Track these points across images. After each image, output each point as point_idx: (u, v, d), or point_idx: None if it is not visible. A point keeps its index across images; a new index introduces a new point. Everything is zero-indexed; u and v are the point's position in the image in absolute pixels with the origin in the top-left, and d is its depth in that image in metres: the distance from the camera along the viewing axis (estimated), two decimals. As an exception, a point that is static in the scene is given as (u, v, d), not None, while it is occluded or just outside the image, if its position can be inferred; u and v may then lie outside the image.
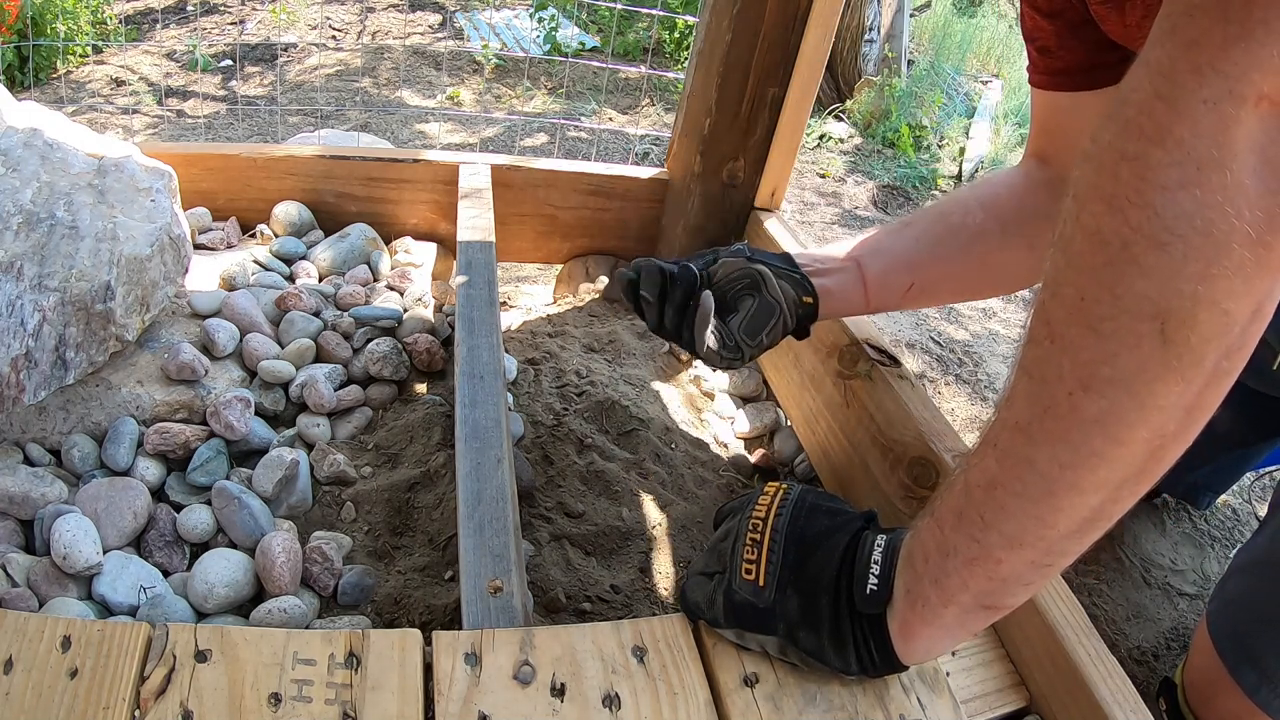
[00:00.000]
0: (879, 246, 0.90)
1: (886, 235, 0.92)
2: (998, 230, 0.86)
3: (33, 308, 0.81)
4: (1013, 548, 0.50)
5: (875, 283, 0.88)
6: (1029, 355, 0.48)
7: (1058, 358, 0.46)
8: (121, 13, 3.65)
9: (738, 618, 0.62)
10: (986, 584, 0.52)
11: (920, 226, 0.91)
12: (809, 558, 0.61)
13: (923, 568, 0.55)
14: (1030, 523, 0.49)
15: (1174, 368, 0.43)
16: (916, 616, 0.56)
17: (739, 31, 1.17)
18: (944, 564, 0.53)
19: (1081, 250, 0.45)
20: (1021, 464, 0.48)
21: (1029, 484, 0.48)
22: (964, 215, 0.88)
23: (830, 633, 0.59)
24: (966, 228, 0.87)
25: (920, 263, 0.88)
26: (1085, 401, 0.45)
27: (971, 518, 0.51)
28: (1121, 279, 0.43)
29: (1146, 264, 0.42)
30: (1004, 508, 0.50)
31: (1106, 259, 0.43)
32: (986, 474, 0.50)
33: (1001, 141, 3.53)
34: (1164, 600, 1.36)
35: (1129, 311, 0.43)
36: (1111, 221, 0.43)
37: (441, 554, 0.88)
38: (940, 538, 0.53)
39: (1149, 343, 0.43)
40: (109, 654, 0.56)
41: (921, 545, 0.55)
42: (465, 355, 0.93)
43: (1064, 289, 0.46)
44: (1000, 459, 0.50)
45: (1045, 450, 0.47)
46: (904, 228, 0.91)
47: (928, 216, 0.92)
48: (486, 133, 3.12)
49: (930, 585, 0.54)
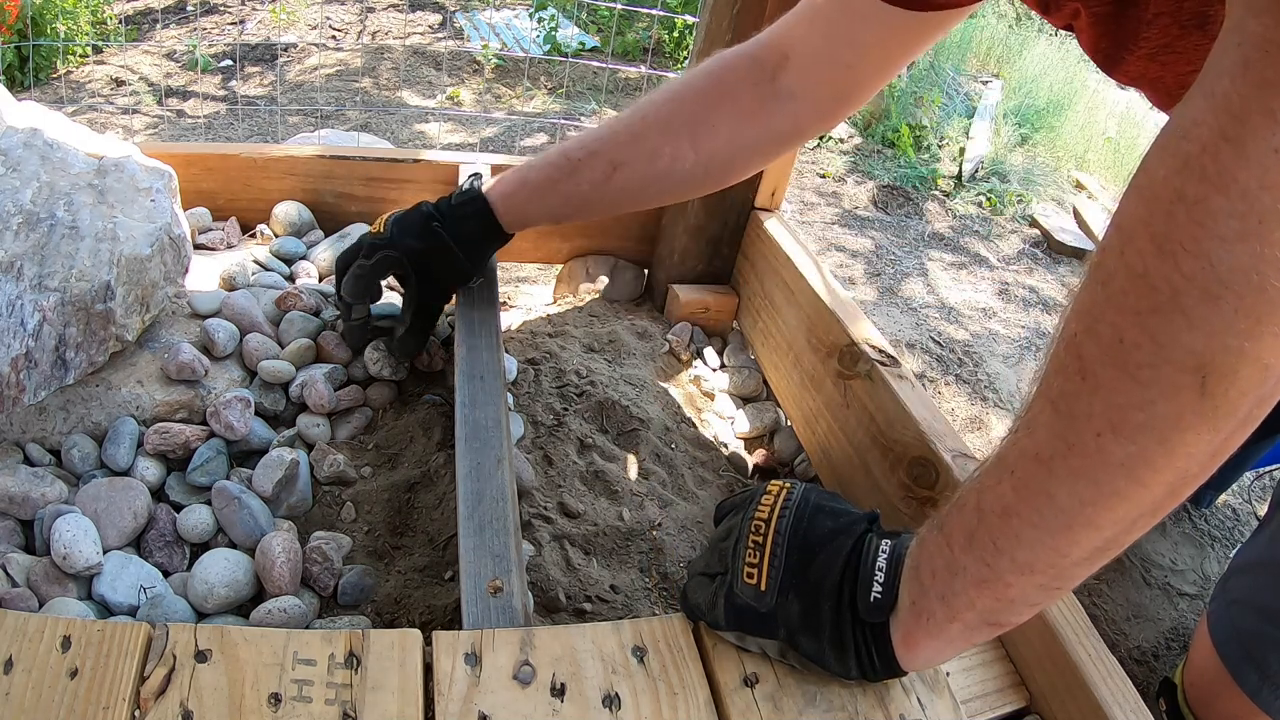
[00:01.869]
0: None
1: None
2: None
3: (33, 308, 0.81)
4: (1024, 573, 0.50)
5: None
6: (1056, 387, 0.47)
7: (1088, 397, 0.45)
8: (121, 13, 3.65)
9: (739, 621, 0.62)
10: (994, 604, 0.52)
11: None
12: (811, 562, 0.60)
13: (929, 583, 0.54)
14: (1045, 552, 0.49)
15: (1208, 418, 0.42)
16: (921, 629, 0.55)
17: (739, 31, 1.17)
18: (951, 582, 0.53)
19: (1124, 290, 0.43)
20: (1040, 496, 0.48)
21: (1046, 516, 0.48)
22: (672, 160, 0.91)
23: (832, 639, 0.59)
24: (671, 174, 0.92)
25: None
26: (1114, 444, 0.44)
27: (984, 542, 0.51)
28: (1167, 328, 0.41)
29: (1195, 316, 0.40)
30: (1019, 536, 0.49)
31: (1153, 305, 0.42)
32: (1002, 501, 0.50)
33: (1001, 141, 3.53)
34: (1164, 600, 1.36)
35: (1171, 362, 0.41)
36: (1161, 266, 0.41)
37: (441, 554, 0.88)
38: (949, 557, 0.53)
39: (1187, 394, 0.42)
40: (109, 654, 0.56)
41: (929, 560, 0.55)
42: (465, 355, 0.93)
43: (1101, 327, 0.44)
44: (1017, 488, 0.49)
45: (1066, 486, 0.47)
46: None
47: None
48: (486, 133, 3.12)
49: (936, 601, 0.54)
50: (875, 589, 0.57)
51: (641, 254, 1.47)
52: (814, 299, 1.16)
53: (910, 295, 2.45)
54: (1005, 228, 3.05)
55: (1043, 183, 3.40)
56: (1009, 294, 2.59)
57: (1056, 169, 3.59)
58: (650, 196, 0.99)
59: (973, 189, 3.21)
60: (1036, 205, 3.21)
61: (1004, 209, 3.15)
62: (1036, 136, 3.77)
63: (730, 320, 1.41)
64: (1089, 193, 3.47)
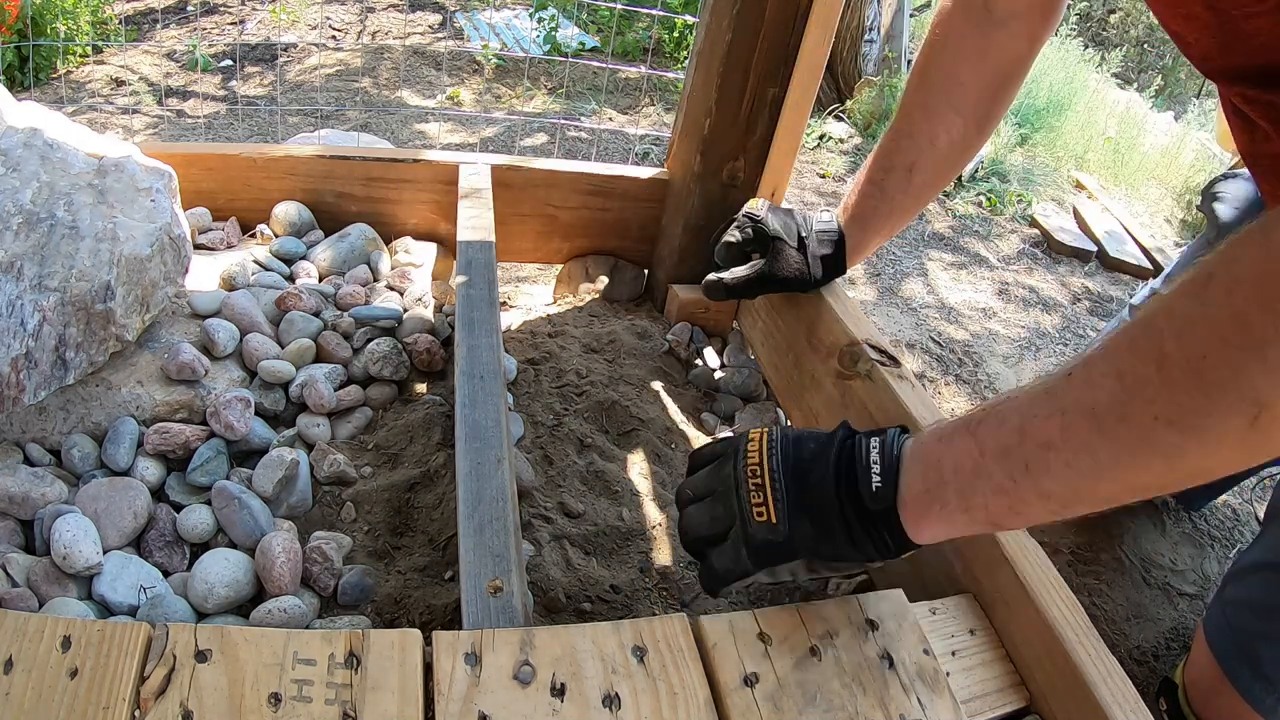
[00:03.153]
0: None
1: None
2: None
3: (33, 308, 0.81)
4: (1042, 499, 0.57)
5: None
6: (1128, 365, 0.53)
7: (1158, 388, 0.51)
8: (121, 13, 3.65)
9: (763, 558, 0.66)
10: (1004, 512, 0.59)
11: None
12: (807, 480, 0.66)
13: (950, 476, 0.61)
14: (1068, 490, 0.55)
15: (1248, 444, 0.49)
16: (934, 513, 0.62)
17: (739, 31, 1.17)
18: (974, 483, 0.59)
19: (1222, 320, 0.48)
20: (1082, 447, 0.54)
21: (1081, 464, 0.54)
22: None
23: (845, 537, 0.65)
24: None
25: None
26: (1165, 433, 0.50)
27: (1017, 461, 0.57)
28: (1246, 364, 0.47)
29: (1271, 363, 0.46)
30: (1049, 469, 0.55)
31: (1242, 343, 0.47)
32: (1046, 435, 0.56)
33: (1001, 141, 3.53)
34: (1164, 600, 1.36)
35: (1239, 391, 0.47)
36: (1261, 318, 0.46)
37: (441, 554, 0.88)
38: (978, 460, 0.59)
39: (1240, 420, 0.48)
40: (109, 654, 0.56)
41: (954, 456, 0.61)
42: (465, 355, 0.93)
43: (1190, 338, 0.50)
44: (1064, 432, 0.55)
45: (1109, 448, 0.53)
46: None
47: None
48: (486, 133, 3.12)
49: (954, 494, 0.61)
50: (875, 480, 0.64)
51: (641, 254, 1.47)
52: (814, 299, 1.16)
53: (910, 295, 2.45)
54: (1005, 228, 3.05)
55: (1043, 183, 3.40)
56: (1009, 294, 2.59)
57: (1056, 169, 3.59)
58: (946, 177, 1.07)
59: (972, 189, 3.21)
60: (1036, 205, 3.21)
61: (1004, 209, 3.15)
62: (1036, 136, 3.77)
63: (730, 320, 1.41)
64: (1089, 193, 3.47)
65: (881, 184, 1.06)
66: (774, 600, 0.95)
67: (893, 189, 1.05)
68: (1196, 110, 5.05)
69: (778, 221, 1.11)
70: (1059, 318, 2.50)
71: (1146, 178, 3.69)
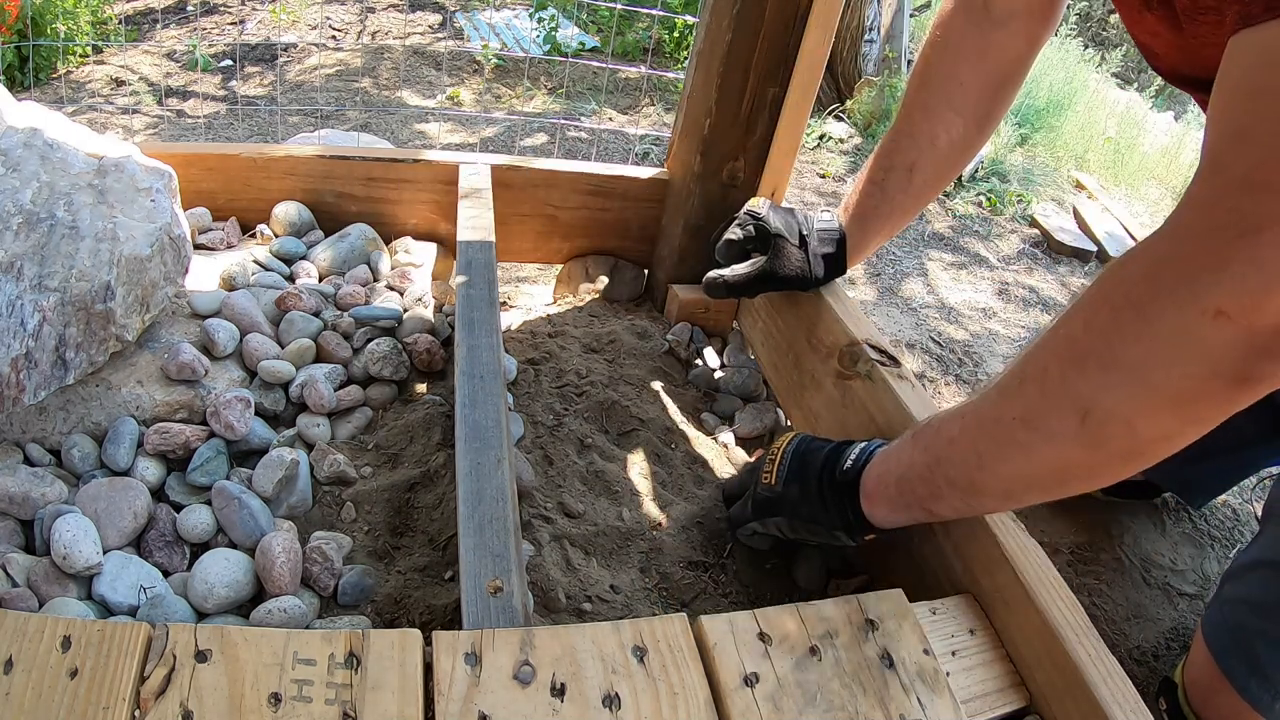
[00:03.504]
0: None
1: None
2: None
3: (33, 308, 0.81)
4: (949, 486, 0.72)
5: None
6: (1005, 380, 0.67)
7: (1016, 394, 0.66)
8: (121, 13, 3.65)
9: (759, 510, 0.88)
10: (928, 498, 0.75)
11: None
12: (806, 460, 0.85)
13: (894, 467, 0.77)
14: (964, 479, 0.71)
15: (1082, 441, 0.61)
16: (880, 495, 0.78)
17: (739, 31, 1.17)
18: (907, 473, 0.76)
19: (1058, 340, 0.63)
20: (970, 442, 0.70)
21: (968, 457, 0.70)
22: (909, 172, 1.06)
23: (819, 501, 0.82)
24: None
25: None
26: (1019, 431, 0.65)
27: (932, 454, 0.73)
28: (1069, 374, 0.61)
29: (1089, 374, 0.60)
30: (951, 461, 0.72)
31: (1068, 355, 0.62)
32: (950, 433, 0.72)
33: (1001, 141, 3.53)
34: (1164, 600, 1.36)
35: (1066, 395, 0.61)
36: (1083, 337, 0.61)
37: (441, 554, 0.88)
38: (911, 455, 0.76)
39: (1072, 419, 0.61)
40: (109, 654, 0.56)
41: (899, 453, 0.78)
42: (465, 355, 0.93)
43: (1038, 354, 0.64)
44: (962, 430, 0.71)
45: (986, 442, 0.68)
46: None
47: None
48: (486, 133, 3.12)
49: (894, 481, 0.77)
50: (847, 463, 0.82)
51: (641, 254, 1.47)
52: (814, 299, 1.16)
53: (910, 295, 2.45)
54: (1005, 228, 3.05)
55: (1043, 183, 3.40)
56: (1009, 294, 2.59)
57: (1056, 169, 3.59)
58: (947, 177, 1.09)
59: (972, 189, 3.21)
60: (1036, 205, 3.21)
61: (1004, 209, 3.15)
62: (1036, 136, 3.77)
63: (730, 320, 1.41)
64: (1089, 193, 3.47)
65: (882, 183, 1.06)
66: (774, 600, 0.95)
67: (893, 188, 1.05)
68: (1196, 110, 5.05)
69: (779, 220, 1.11)
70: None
71: (1146, 178, 3.69)
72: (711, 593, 0.94)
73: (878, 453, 0.81)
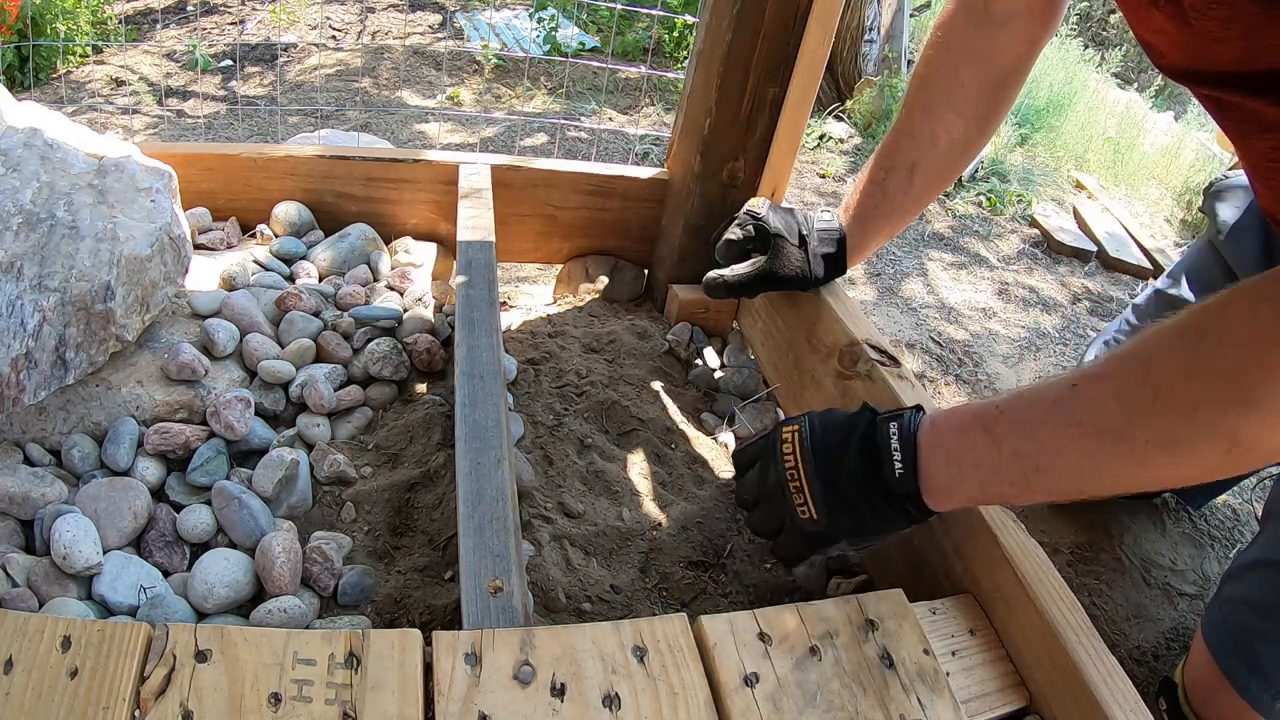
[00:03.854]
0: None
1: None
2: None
3: (33, 308, 0.81)
4: (1046, 492, 0.70)
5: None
6: (1130, 395, 0.63)
7: (1151, 417, 0.62)
8: (121, 13, 3.65)
9: (814, 545, 0.81)
10: (1014, 496, 0.73)
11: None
12: (838, 475, 0.78)
13: (971, 471, 0.72)
14: (1071, 487, 0.68)
15: (1220, 467, 0.60)
16: (956, 495, 0.74)
17: (739, 31, 1.17)
18: (993, 476, 0.71)
19: (1213, 374, 0.59)
20: (1086, 456, 0.65)
21: (1084, 469, 0.66)
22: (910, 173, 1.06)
23: (874, 517, 0.77)
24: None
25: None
26: (1155, 453, 0.62)
27: (1029, 462, 0.69)
28: (1228, 410, 0.58)
29: (1250, 410, 0.57)
30: (1056, 471, 0.67)
31: (1227, 394, 0.58)
32: (1058, 444, 0.67)
33: (1001, 141, 3.53)
34: (1164, 600, 1.36)
35: (1220, 429, 0.59)
36: (1248, 373, 0.57)
37: (441, 554, 0.88)
38: (996, 460, 0.70)
39: (1217, 450, 0.59)
40: (109, 654, 0.56)
41: (974, 454, 0.72)
42: (465, 355, 0.93)
43: (1186, 384, 0.60)
44: (1073, 442, 0.66)
45: (1108, 459, 0.65)
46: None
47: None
48: (486, 133, 3.12)
49: (975, 484, 0.72)
50: (897, 466, 0.75)
51: (641, 254, 1.47)
52: (814, 299, 1.16)
53: (910, 295, 2.45)
54: (1005, 228, 3.05)
55: (1043, 183, 3.40)
56: (1009, 294, 2.59)
57: (1056, 169, 3.59)
58: (947, 177, 1.09)
59: (972, 189, 3.21)
60: (1036, 205, 3.21)
61: (1004, 209, 3.15)
62: (1036, 136, 3.77)
63: (730, 320, 1.41)
64: (1089, 193, 3.47)
65: (883, 184, 1.06)
66: (774, 600, 0.95)
67: (894, 189, 1.06)
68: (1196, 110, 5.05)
69: (779, 219, 1.11)
70: (1059, 318, 2.50)
71: (1146, 178, 3.69)
72: (711, 593, 0.94)
73: (926, 442, 0.75)
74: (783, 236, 1.10)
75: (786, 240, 1.11)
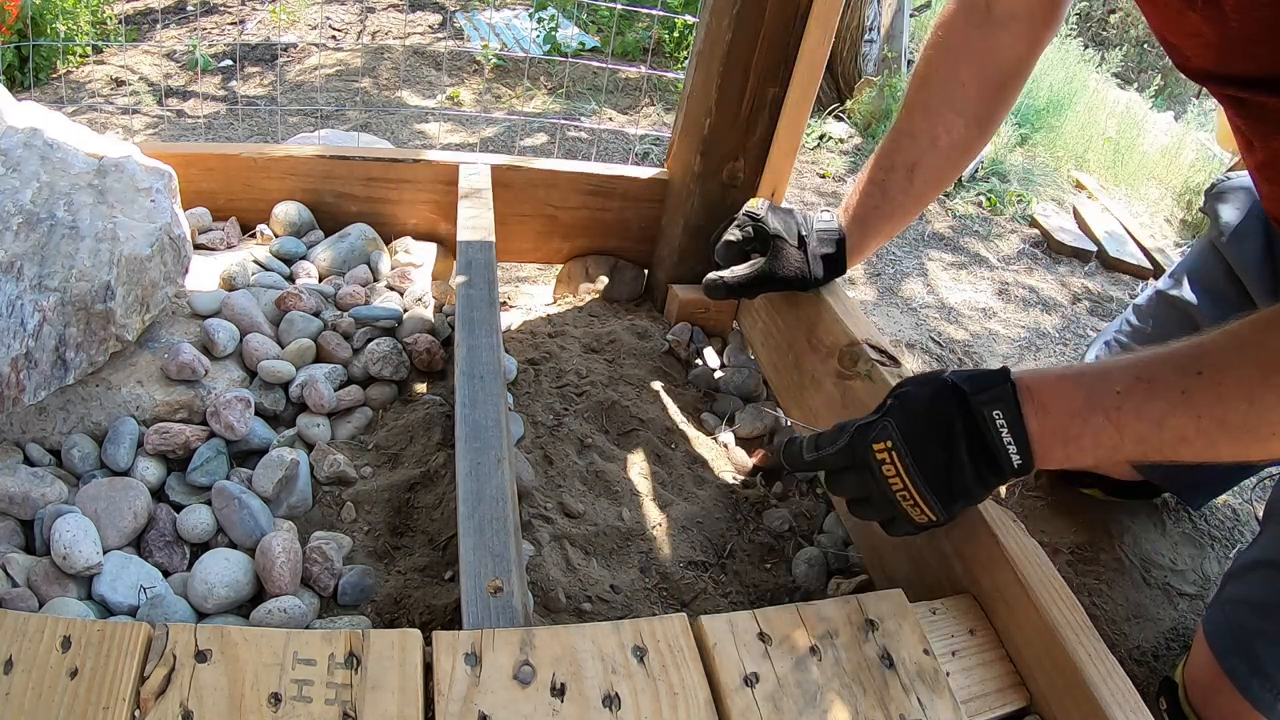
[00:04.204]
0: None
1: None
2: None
3: (33, 308, 0.81)
4: (1162, 466, 0.73)
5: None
6: (1259, 394, 0.65)
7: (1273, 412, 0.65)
8: (121, 13, 3.65)
9: (929, 529, 0.80)
10: (1124, 466, 0.74)
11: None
12: (952, 485, 0.76)
13: (1091, 450, 0.73)
14: (1186, 462, 0.70)
15: None
16: (1069, 463, 0.74)
17: (739, 31, 1.17)
18: (1113, 455, 0.72)
19: None
20: (1210, 443, 0.68)
21: (1205, 453, 0.68)
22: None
23: (988, 495, 0.79)
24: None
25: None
26: (1277, 445, 0.66)
27: (1152, 445, 0.70)
28: None
29: None
30: (1178, 453, 0.69)
31: None
32: (1182, 432, 0.69)
33: (1001, 141, 3.53)
34: (1164, 600, 1.36)
35: None
36: None
37: (441, 554, 0.88)
38: (1118, 443, 0.71)
39: None
40: (109, 654, 0.56)
41: (1096, 437, 0.72)
42: (465, 355, 0.93)
43: None
44: (1199, 432, 0.68)
45: (1231, 446, 0.68)
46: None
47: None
48: (486, 133, 3.12)
49: (1091, 459, 0.73)
50: (1014, 458, 0.74)
51: (641, 254, 1.47)
52: (814, 299, 1.16)
53: (910, 295, 2.45)
54: (1005, 228, 3.05)
55: (1043, 183, 3.40)
56: (1009, 294, 2.59)
57: (1056, 169, 3.59)
58: (947, 177, 1.09)
59: (972, 189, 3.21)
60: (1036, 205, 3.21)
61: (1004, 209, 3.15)
62: (1036, 136, 3.76)
63: (730, 320, 1.41)
64: (1089, 193, 3.46)
65: (883, 184, 1.06)
66: (774, 600, 0.95)
67: (894, 189, 1.05)
68: (1196, 110, 5.05)
69: (778, 220, 1.11)
70: (1059, 318, 2.50)
71: (1146, 178, 3.69)
72: (711, 593, 0.94)
73: (1039, 429, 0.74)
74: (782, 237, 1.10)
75: (785, 241, 1.11)
